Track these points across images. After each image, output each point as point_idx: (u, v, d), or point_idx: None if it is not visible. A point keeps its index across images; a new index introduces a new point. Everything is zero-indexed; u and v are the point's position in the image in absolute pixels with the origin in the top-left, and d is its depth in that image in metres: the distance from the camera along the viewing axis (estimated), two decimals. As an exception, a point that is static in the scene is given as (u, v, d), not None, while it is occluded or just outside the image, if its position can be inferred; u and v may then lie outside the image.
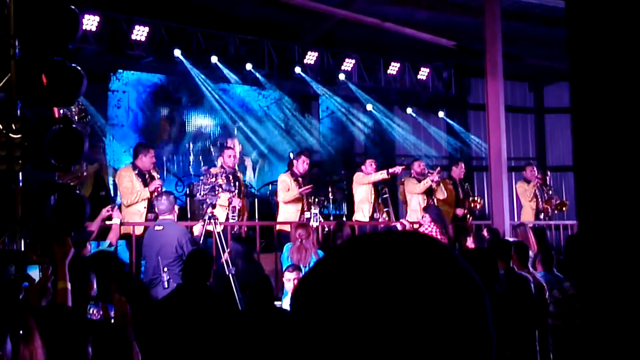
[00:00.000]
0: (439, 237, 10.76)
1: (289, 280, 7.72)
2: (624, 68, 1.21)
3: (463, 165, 13.98)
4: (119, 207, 9.80)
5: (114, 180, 13.17)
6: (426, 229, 10.92)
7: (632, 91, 1.19)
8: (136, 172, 10.24)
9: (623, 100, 1.21)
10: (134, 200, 10.00)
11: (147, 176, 10.24)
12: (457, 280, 0.99)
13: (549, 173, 14.67)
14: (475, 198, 13.79)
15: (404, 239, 1.04)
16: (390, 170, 12.01)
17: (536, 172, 14.01)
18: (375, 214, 12.13)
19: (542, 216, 13.92)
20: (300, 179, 11.56)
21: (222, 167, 11.08)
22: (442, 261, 1.00)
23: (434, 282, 0.97)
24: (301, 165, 11.69)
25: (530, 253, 9.78)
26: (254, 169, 15.14)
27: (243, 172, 12.38)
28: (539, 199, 13.90)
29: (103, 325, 4.52)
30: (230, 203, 10.78)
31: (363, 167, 12.44)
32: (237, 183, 11.05)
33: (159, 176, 10.55)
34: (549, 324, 5.84)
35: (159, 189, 10.17)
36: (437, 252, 1.01)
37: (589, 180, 1.24)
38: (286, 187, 11.51)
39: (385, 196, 12.94)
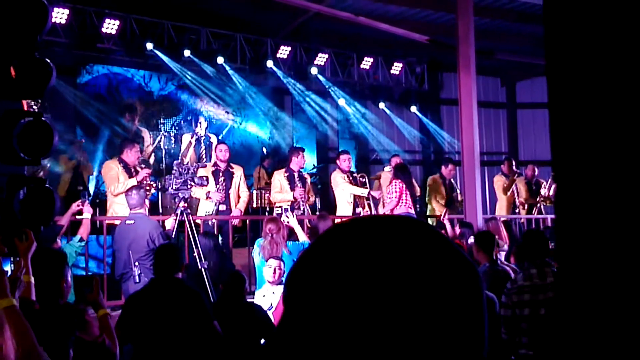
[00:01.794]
0: (404, 192, 11.00)
1: (270, 267, 7.75)
2: (601, 63, 1.20)
3: (453, 166, 13.97)
4: (90, 202, 9.74)
5: (96, 175, 13.17)
6: (390, 186, 11.24)
7: (610, 86, 1.19)
8: (122, 165, 10.38)
9: (600, 95, 1.20)
10: (120, 189, 10.02)
11: (132, 171, 10.28)
12: (451, 261, 0.98)
13: (535, 169, 14.73)
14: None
15: (393, 222, 1.02)
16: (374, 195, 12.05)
17: (514, 166, 14.13)
18: (357, 209, 12.10)
19: (517, 210, 14.02)
20: (295, 174, 11.58)
21: (215, 163, 11.14)
22: (436, 242, 0.99)
23: (428, 263, 0.96)
24: (299, 161, 11.69)
25: (505, 247, 9.86)
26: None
27: (208, 149, 12.35)
28: (515, 194, 13.99)
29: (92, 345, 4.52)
30: (207, 197, 10.80)
31: (338, 162, 12.40)
32: (228, 178, 11.09)
33: (148, 170, 10.62)
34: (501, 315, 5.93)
35: (148, 179, 10.23)
36: (429, 234, 1.00)
37: (567, 174, 1.22)
38: (278, 187, 11.56)
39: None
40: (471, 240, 9.30)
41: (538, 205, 14.31)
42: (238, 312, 6.34)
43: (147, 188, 10.43)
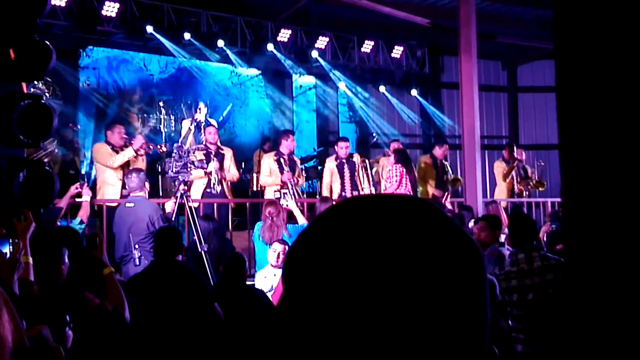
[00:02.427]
0: (405, 176, 10.97)
1: (275, 251, 7.78)
2: (610, 48, 1.20)
3: (447, 146, 13.93)
4: (89, 185, 9.75)
5: (90, 157, 13.18)
6: (391, 170, 11.23)
7: (617, 71, 1.18)
8: (110, 147, 10.33)
9: (608, 80, 1.19)
10: (119, 161, 10.12)
11: (119, 151, 10.25)
12: (453, 240, 0.96)
13: (523, 153, 14.69)
14: (459, 177, 13.73)
15: (394, 200, 1.01)
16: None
17: (515, 152, 14.05)
18: (343, 193, 12.10)
19: (515, 197, 14.01)
20: (285, 157, 11.55)
21: (205, 145, 11.11)
22: (438, 221, 0.98)
23: (429, 241, 0.94)
24: (288, 144, 11.66)
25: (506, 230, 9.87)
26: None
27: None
28: (514, 180, 13.96)
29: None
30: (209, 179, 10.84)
31: (335, 148, 12.41)
32: (220, 160, 11.09)
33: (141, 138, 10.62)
34: None
35: (145, 146, 10.26)
36: (431, 212, 0.98)
37: (574, 159, 1.22)
38: (267, 171, 11.52)
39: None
40: (471, 224, 9.32)
41: (529, 189, 14.25)
42: (239, 294, 6.35)
43: (151, 148, 10.52)
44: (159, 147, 11.17)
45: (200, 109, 13.51)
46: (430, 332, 0.91)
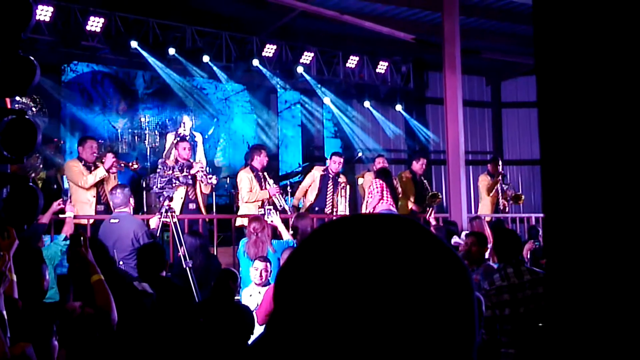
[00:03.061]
0: (385, 189, 11.10)
1: (257, 269, 7.75)
2: (591, 62, 1.21)
3: (424, 160, 13.97)
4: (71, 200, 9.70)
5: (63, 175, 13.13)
6: (371, 185, 11.33)
7: (600, 85, 1.19)
8: (82, 163, 10.24)
9: (590, 94, 1.20)
10: (91, 181, 10.00)
11: (92, 167, 10.16)
12: (439, 257, 0.99)
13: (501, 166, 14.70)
14: (437, 193, 13.76)
15: (380, 220, 1.03)
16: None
17: (500, 167, 14.10)
18: (317, 207, 12.12)
19: (500, 212, 14.04)
20: (260, 173, 11.50)
21: (176, 160, 10.98)
22: (423, 239, 1.00)
23: (416, 260, 0.96)
24: (261, 160, 11.62)
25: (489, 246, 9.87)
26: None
27: (194, 148, 12.22)
28: (499, 194, 14.01)
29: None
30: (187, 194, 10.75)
31: (328, 160, 12.46)
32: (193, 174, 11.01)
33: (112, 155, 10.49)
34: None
35: (116, 164, 10.16)
36: (417, 231, 1.01)
37: (555, 174, 1.22)
38: (248, 187, 11.45)
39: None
40: (455, 239, 9.33)
41: (509, 203, 14.26)
42: (227, 310, 6.33)
43: (122, 166, 10.41)
44: (130, 164, 11.01)
45: (184, 122, 13.41)
46: (419, 348, 0.93)
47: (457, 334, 0.96)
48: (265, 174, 11.67)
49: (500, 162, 14.25)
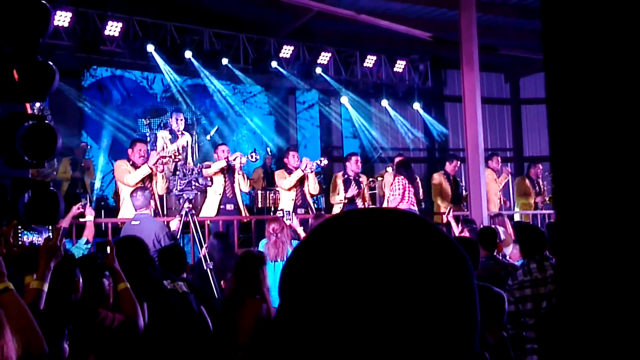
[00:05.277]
0: (407, 189, 11.07)
1: None
2: (600, 58, 1.21)
3: (457, 162, 13.94)
4: (93, 204, 9.79)
5: (100, 178, 13.25)
6: (393, 183, 11.28)
7: (607, 82, 1.19)
8: (130, 163, 10.45)
9: (598, 91, 1.20)
10: (135, 178, 10.17)
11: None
12: (438, 248, 1.01)
13: (540, 166, 14.74)
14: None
15: (382, 214, 1.05)
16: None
17: (500, 163, 14.16)
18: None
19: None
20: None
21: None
22: (424, 232, 1.02)
23: (416, 252, 0.99)
24: (292, 159, 11.78)
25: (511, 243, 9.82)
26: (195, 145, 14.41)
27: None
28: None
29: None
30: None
31: (348, 164, 12.45)
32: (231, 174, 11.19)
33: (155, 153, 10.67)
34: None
35: (163, 161, 10.31)
36: (417, 224, 1.03)
37: (565, 171, 1.23)
38: (283, 176, 11.70)
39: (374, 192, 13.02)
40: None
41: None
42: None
43: (173, 157, 10.55)
44: (174, 156, 11.09)
45: (178, 120, 12.95)
46: (422, 338, 0.95)
47: (458, 323, 0.98)
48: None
49: (500, 159, 14.36)
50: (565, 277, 1.22)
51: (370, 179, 12.78)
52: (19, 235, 4.18)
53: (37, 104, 12.01)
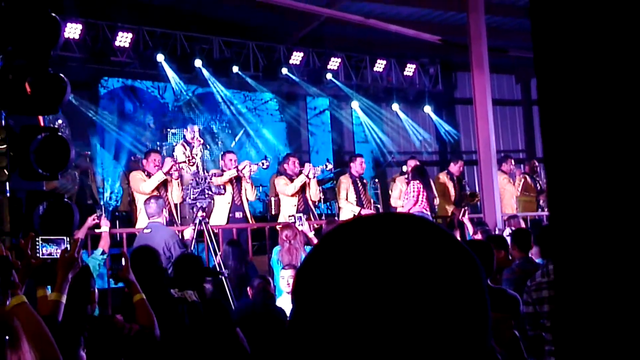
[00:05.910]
0: (422, 193, 11.05)
1: (283, 278, 7.74)
2: (590, 59, 1.21)
3: (462, 162, 13.92)
4: (108, 215, 9.83)
5: (110, 184, 13.25)
6: (408, 187, 11.30)
7: (598, 82, 1.19)
8: (145, 173, 10.58)
9: (590, 92, 1.20)
10: (150, 185, 10.27)
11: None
12: (449, 253, 1.02)
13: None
14: (476, 192, 13.72)
15: (393, 219, 1.06)
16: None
17: (513, 165, 14.16)
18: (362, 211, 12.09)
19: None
20: (294, 179, 11.61)
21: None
22: (435, 237, 1.03)
23: (428, 257, 1.00)
24: (292, 166, 11.73)
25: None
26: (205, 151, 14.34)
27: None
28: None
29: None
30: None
31: (352, 165, 12.40)
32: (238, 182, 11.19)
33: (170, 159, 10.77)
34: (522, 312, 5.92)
35: (175, 165, 10.42)
36: (428, 229, 1.04)
37: (558, 172, 1.23)
38: (285, 182, 11.66)
39: (375, 191, 12.95)
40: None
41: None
42: (267, 316, 6.32)
43: (188, 162, 10.63)
44: (189, 161, 11.19)
45: (193, 130, 13.02)
46: (433, 340, 0.96)
47: (470, 326, 0.99)
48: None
49: (512, 161, 14.37)
50: (561, 279, 1.22)
51: (365, 181, 12.74)
52: (37, 247, 4.17)
53: (59, 121, 12.16)
